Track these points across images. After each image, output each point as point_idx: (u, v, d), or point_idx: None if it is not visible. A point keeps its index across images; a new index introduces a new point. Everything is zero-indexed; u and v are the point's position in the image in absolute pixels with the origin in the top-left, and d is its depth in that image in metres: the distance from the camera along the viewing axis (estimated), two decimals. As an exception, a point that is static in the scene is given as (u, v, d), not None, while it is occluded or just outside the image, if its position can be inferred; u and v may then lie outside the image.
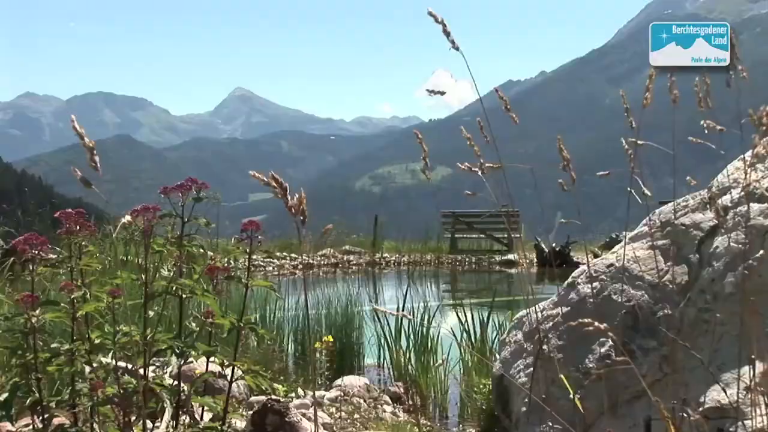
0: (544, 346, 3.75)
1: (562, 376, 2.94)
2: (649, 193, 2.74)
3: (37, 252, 3.02)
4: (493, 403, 4.64)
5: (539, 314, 4.03)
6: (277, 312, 7.72)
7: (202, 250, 3.33)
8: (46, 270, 3.16)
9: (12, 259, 5.88)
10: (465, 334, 6.41)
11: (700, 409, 2.97)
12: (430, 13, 2.55)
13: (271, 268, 18.74)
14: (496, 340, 6.24)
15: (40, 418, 2.96)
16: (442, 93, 2.80)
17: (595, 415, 3.46)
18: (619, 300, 3.68)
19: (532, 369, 3.88)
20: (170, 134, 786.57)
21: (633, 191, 2.71)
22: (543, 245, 20.52)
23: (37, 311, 2.93)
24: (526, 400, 3.82)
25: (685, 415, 2.70)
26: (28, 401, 2.92)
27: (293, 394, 5.65)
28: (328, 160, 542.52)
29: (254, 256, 3.14)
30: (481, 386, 5.35)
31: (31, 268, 3.06)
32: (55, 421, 3.02)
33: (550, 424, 3.56)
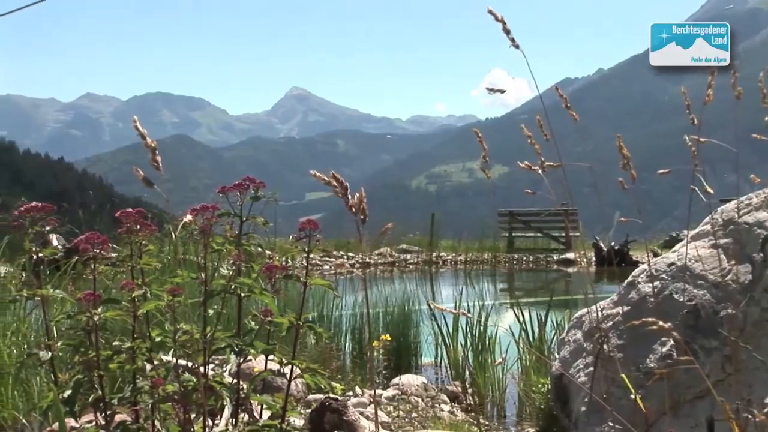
0: (604, 346, 3.71)
1: (623, 375, 2.90)
2: (711, 191, 2.70)
3: (98, 251, 3.06)
4: (551, 402, 4.60)
5: (599, 313, 3.99)
6: (334, 311, 7.74)
7: (260, 249, 3.34)
8: (107, 269, 3.20)
9: (74, 257, 5.96)
10: (523, 333, 6.36)
11: (765, 410, 2.92)
12: (490, 12, 2.54)
13: (327, 267, 18.81)
14: (555, 339, 6.19)
15: (103, 414, 2.99)
16: (502, 91, 2.79)
17: (656, 415, 3.42)
18: (681, 299, 3.63)
19: (591, 368, 3.84)
20: (227, 134, 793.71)
21: (696, 189, 2.67)
22: (601, 244, 20.35)
23: (99, 309, 2.96)
24: (586, 399, 3.78)
25: (749, 415, 2.65)
26: (90, 398, 2.96)
27: (351, 393, 5.66)
28: (384, 158, 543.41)
29: (312, 255, 3.14)
30: (540, 385, 5.31)
31: (92, 266, 3.09)
32: (117, 417, 3.06)
33: (611, 423, 3.53)
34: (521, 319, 6.43)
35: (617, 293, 4.10)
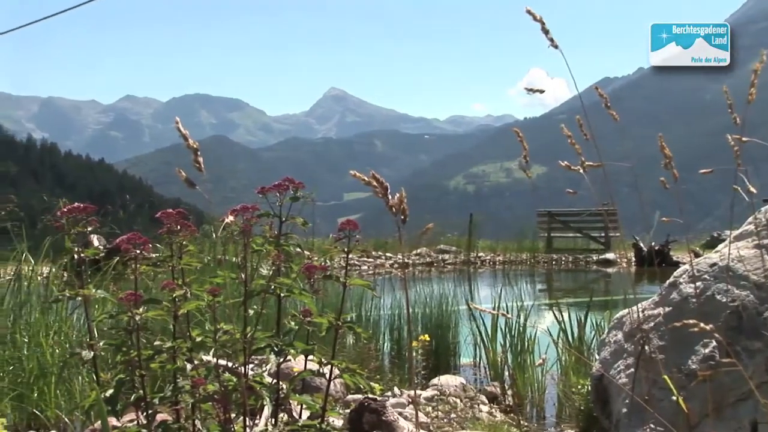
0: (646, 347, 3.68)
1: (665, 377, 2.88)
2: (754, 191, 2.66)
3: (139, 251, 3.09)
4: (591, 403, 4.57)
5: (640, 314, 3.96)
6: (372, 311, 7.75)
7: (299, 249, 3.35)
8: (148, 269, 3.22)
9: (115, 258, 6.01)
10: (562, 334, 6.33)
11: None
12: (528, 12, 2.53)
13: (366, 267, 18.84)
14: (594, 340, 6.16)
15: (144, 414, 3.02)
16: (541, 91, 2.77)
17: (698, 417, 3.39)
18: (723, 300, 3.59)
19: (632, 370, 3.81)
20: (265, 134, 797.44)
21: (738, 188, 2.64)
22: (641, 244, 20.20)
23: (140, 309, 2.98)
24: (627, 401, 3.76)
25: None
26: (132, 397, 2.98)
27: (389, 393, 5.66)
28: (422, 159, 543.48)
29: (350, 255, 3.15)
30: (579, 386, 5.28)
31: (133, 267, 3.12)
32: (159, 417, 3.08)
33: (652, 425, 3.50)
34: (560, 319, 6.40)
35: (658, 294, 4.06)
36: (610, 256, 21.45)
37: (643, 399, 3.40)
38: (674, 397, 2.89)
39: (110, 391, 2.93)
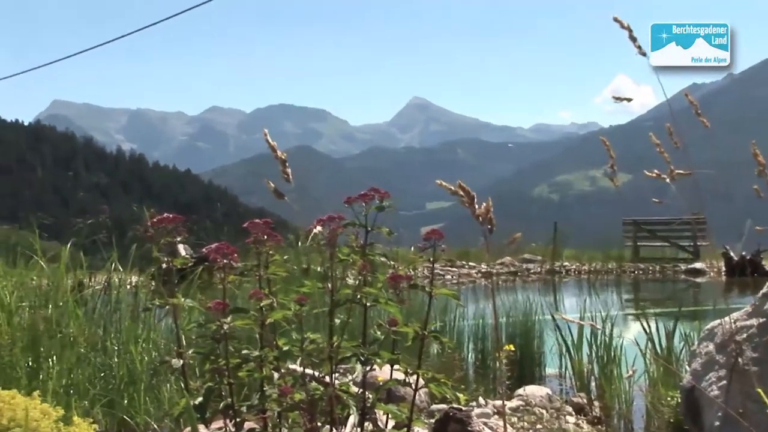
0: (739, 359, 3.60)
1: (759, 390, 2.81)
2: None
3: (227, 261, 3.12)
4: (681, 416, 4.48)
5: (732, 325, 3.87)
6: (456, 320, 7.72)
7: (384, 259, 3.35)
8: (236, 278, 3.26)
9: (200, 267, 6.10)
10: (650, 344, 6.22)
11: None
12: (616, 19, 2.51)
13: (449, 277, 18.80)
14: (683, 351, 6.04)
15: (232, 421, 3.05)
16: (629, 99, 2.74)
17: (794, 431, 3.30)
18: (820, 311, 3.49)
19: (725, 382, 3.73)
20: (348, 144, 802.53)
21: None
22: (732, 254, 19.75)
23: (228, 318, 3.02)
24: (720, 413, 3.67)
25: None
26: (220, 405, 3.02)
27: (474, 403, 5.63)
28: (505, 167, 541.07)
29: (435, 265, 3.14)
30: (669, 398, 5.18)
31: (221, 276, 3.15)
32: (246, 425, 3.11)
33: (746, 439, 3.41)
34: (648, 330, 6.29)
35: (751, 304, 3.97)
36: (699, 265, 21.02)
37: (737, 412, 3.33)
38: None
39: (199, 399, 2.97)
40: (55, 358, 4.70)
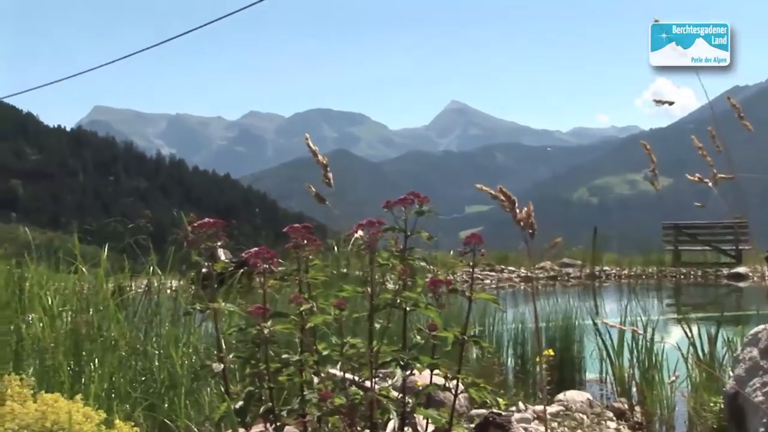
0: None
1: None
2: None
3: (267, 265, 3.13)
4: (725, 422, 4.44)
5: (777, 330, 3.82)
6: (496, 325, 7.69)
7: (423, 263, 3.35)
8: (276, 283, 3.27)
9: (239, 271, 6.12)
10: (691, 349, 6.15)
11: None
12: (657, 23, 2.48)
13: (488, 281, 18.74)
14: (726, 356, 5.97)
15: (272, 426, 3.06)
16: (671, 103, 2.72)
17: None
18: None
19: (770, 388, 3.68)
20: (386, 148, 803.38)
21: None
22: (775, 258, 19.47)
23: (268, 323, 3.02)
24: (765, 420, 3.63)
25: None
26: (261, 409, 3.03)
27: (513, 408, 5.61)
28: (544, 171, 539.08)
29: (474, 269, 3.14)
30: (711, 404, 5.13)
31: (261, 280, 3.16)
32: (286, 429, 3.12)
33: (791, 446, 3.37)
34: (690, 334, 6.22)
35: (796, 309, 3.92)
36: (741, 270, 20.76)
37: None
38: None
39: (240, 403, 2.98)
40: (96, 361, 4.73)
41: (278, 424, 3.05)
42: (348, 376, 3.12)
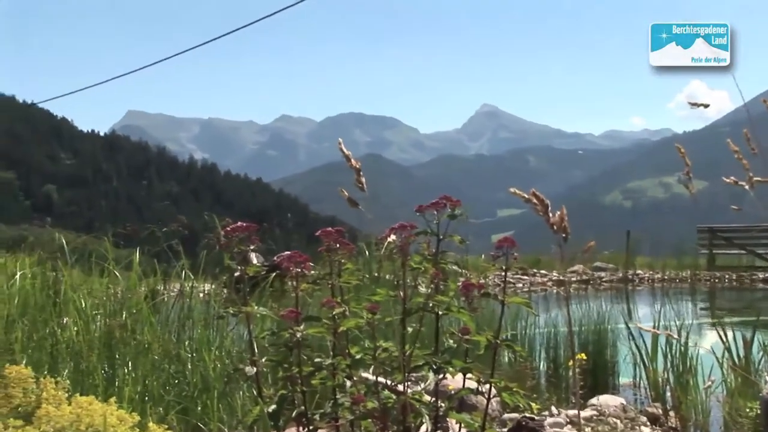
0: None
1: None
2: None
3: (300, 269, 3.14)
4: (761, 427, 4.39)
5: (813, 335, 3.78)
6: (528, 329, 7.66)
7: (455, 267, 3.34)
8: (308, 287, 3.28)
9: (272, 275, 6.14)
10: (727, 354, 6.09)
11: None
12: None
13: (521, 285, 18.68)
14: (762, 361, 5.91)
15: (305, 429, 3.06)
16: (706, 105, 2.70)
17: None
18: None
19: (806, 393, 3.64)
20: (418, 152, 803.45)
21: None
22: (811, 262, 19.28)
23: (301, 326, 3.03)
24: (802, 426, 3.59)
25: None
26: (294, 413, 3.03)
27: (546, 413, 5.58)
28: (576, 174, 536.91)
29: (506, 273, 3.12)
30: (747, 409, 5.07)
31: (294, 284, 3.17)
32: (319, 432, 3.13)
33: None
34: (724, 339, 6.16)
35: (833, 314, 3.87)
36: (777, 274, 20.57)
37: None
38: None
39: (273, 407, 2.99)
40: (130, 364, 4.76)
41: (311, 427, 3.06)
42: (380, 379, 3.11)
